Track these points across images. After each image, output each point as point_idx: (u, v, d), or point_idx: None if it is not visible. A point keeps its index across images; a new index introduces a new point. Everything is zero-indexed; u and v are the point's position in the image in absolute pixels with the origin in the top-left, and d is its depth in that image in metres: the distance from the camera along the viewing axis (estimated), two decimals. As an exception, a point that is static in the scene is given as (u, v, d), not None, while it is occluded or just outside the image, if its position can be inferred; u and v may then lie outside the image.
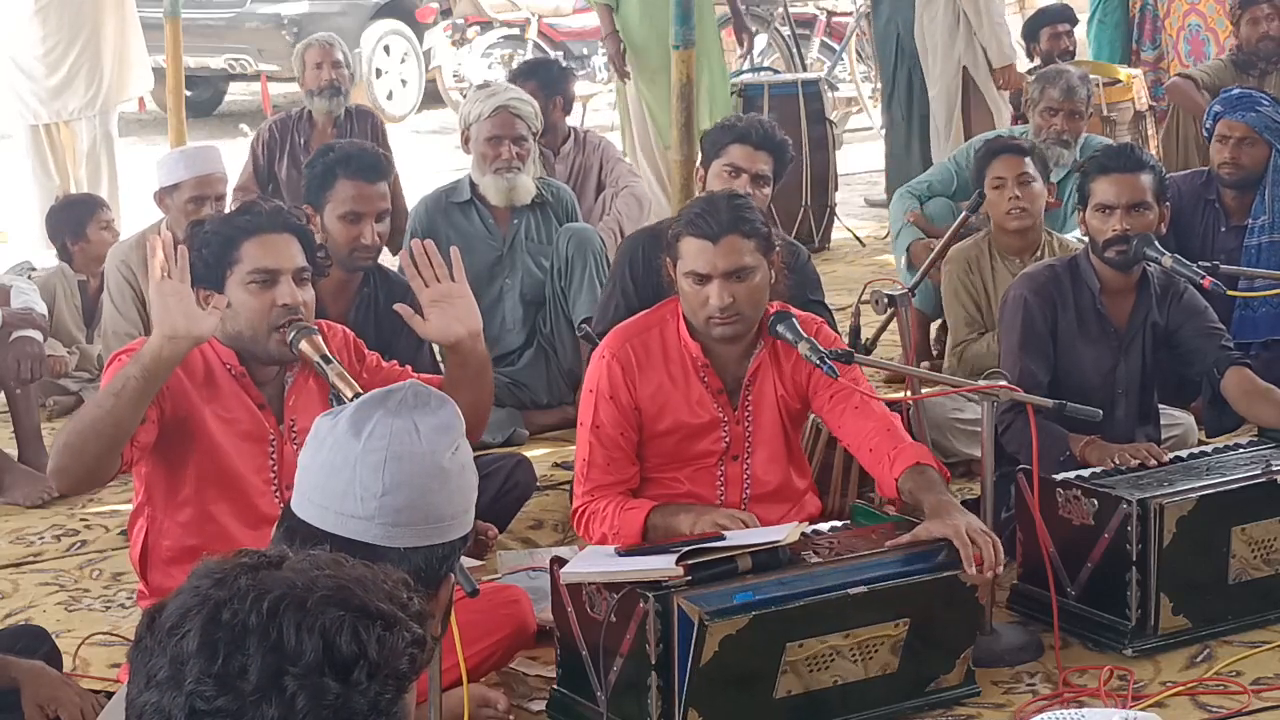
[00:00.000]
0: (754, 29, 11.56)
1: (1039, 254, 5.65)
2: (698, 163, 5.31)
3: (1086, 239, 4.90)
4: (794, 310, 4.23)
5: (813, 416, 4.51)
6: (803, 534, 3.92)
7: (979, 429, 4.28)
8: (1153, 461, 4.39)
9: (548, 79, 7.13)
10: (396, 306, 3.81)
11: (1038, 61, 8.63)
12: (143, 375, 3.52)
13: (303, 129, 7.82)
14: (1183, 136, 7.81)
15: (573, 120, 7.61)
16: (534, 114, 6.04)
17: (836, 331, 4.72)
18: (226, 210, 5.43)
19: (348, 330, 4.13)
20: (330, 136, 7.60)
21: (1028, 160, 5.65)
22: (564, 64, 8.05)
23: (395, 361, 4.12)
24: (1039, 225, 5.71)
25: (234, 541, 3.67)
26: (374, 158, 5.04)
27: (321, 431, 2.20)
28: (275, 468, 3.85)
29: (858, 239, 9.08)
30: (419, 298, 3.72)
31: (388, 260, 5.49)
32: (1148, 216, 4.74)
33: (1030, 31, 8.86)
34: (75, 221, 6.62)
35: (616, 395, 4.15)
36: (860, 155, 11.67)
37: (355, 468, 2.15)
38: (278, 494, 3.84)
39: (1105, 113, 7.97)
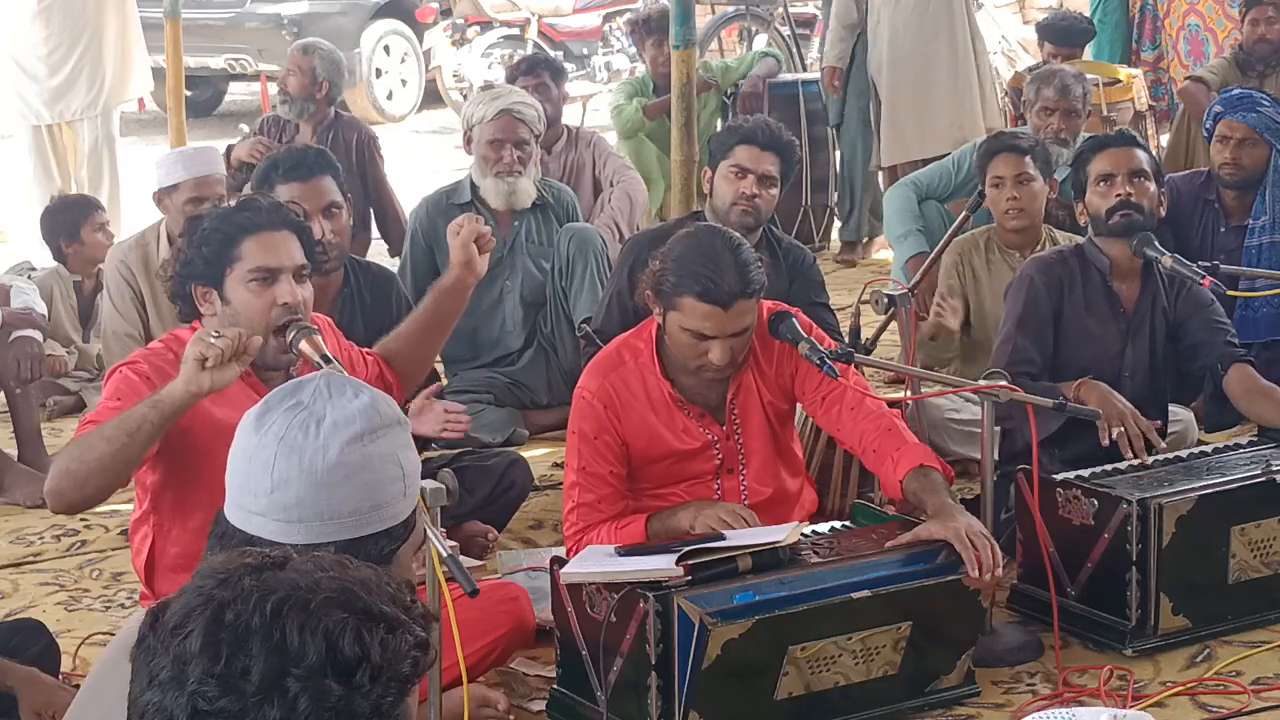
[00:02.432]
0: (754, 29, 11.57)
1: (1039, 249, 5.66)
2: (704, 165, 5.30)
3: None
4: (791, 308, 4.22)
5: (811, 419, 4.50)
6: (802, 534, 3.92)
7: (975, 429, 4.28)
8: (1157, 445, 4.39)
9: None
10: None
11: (1037, 62, 8.65)
12: (161, 421, 3.52)
13: (289, 131, 7.80)
14: (1191, 139, 7.81)
15: (572, 120, 7.64)
16: (537, 117, 6.04)
17: (840, 334, 4.71)
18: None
19: (330, 320, 4.13)
20: (313, 139, 7.59)
21: (1027, 159, 5.65)
22: (559, 63, 8.06)
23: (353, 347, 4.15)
24: (1039, 223, 5.72)
25: None
26: (304, 155, 4.97)
27: (242, 422, 2.19)
28: None
29: (858, 239, 9.07)
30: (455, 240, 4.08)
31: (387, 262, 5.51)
32: (1148, 187, 4.78)
33: (1042, 34, 8.84)
34: (70, 223, 6.62)
35: (601, 435, 4.08)
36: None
37: (250, 462, 2.13)
38: None
39: (1105, 113, 7.97)
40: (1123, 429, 4.43)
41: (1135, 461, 4.40)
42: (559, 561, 3.87)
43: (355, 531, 2.11)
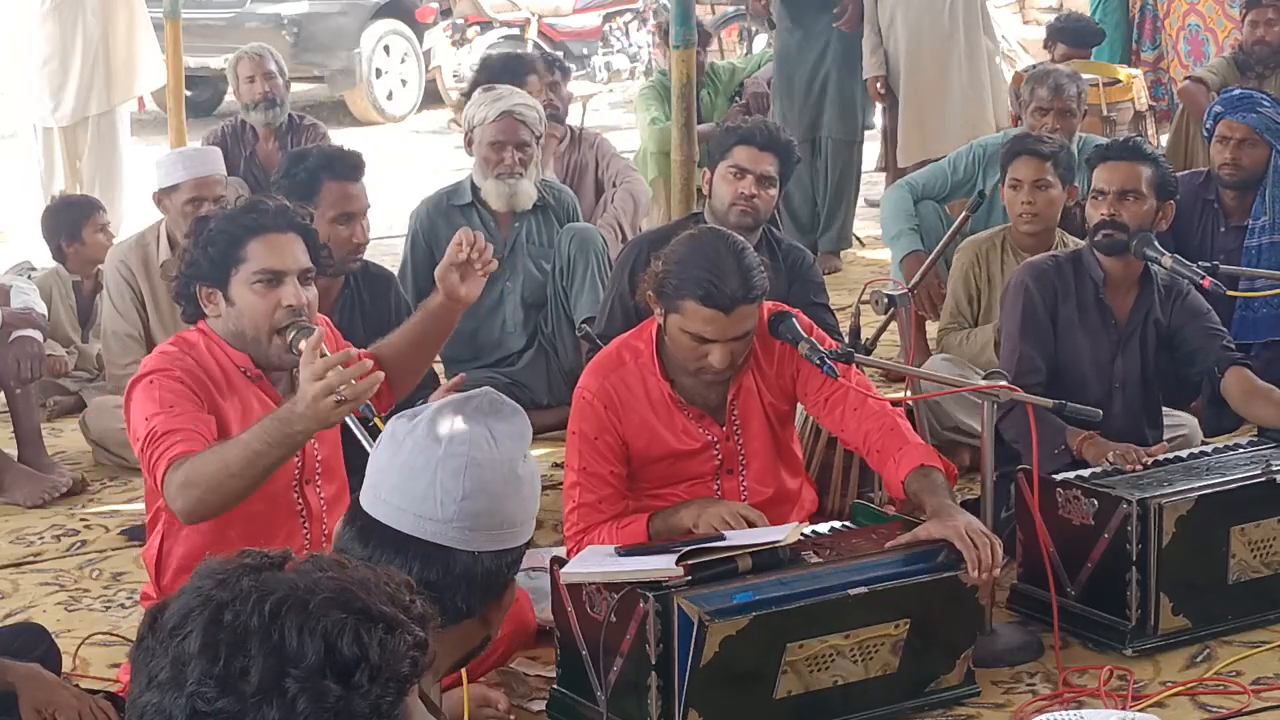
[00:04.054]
0: (754, 29, 11.58)
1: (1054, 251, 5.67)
2: (702, 165, 5.30)
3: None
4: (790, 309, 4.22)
5: (812, 418, 4.50)
6: (802, 534, 3.92)
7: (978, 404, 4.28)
8: (1142, 465, 4.37)
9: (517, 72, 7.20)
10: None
11: (1037, 62, 8.65)
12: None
13: (246, 140, 7.78)
14: (1190, 139, 7.81)
15: (571, 120, 7.64)
16: (538, 119, 6.03)
17: (840, 334, 4.70)
18: None
19: (329, 321, 4.13)
20: (274, 147, 7.59)
21: (1048, 165, 5.60)
22: (564, 62, 8.06)
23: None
24: (1053, 227, 5.70)
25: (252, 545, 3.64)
26: (354, 157, 5.06)
27: (399, 433, 2.23)
28: (300, 464, 3.84)
29: (857, 239, 9.08)
30: (451, 259, 4.00)
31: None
32: (1140, 206, 4.75)
33: (1056, 36, 8.84)
34: (71, 223, 6.62)
35: (602, 435, 4.08)
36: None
37: (436, 471, 2.18)
38: (297, 488, 3.85)
39: (1105, 113, 7.98)
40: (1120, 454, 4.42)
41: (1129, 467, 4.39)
42: (559, 561, 3.87)
43: (515, 540, 2.23)
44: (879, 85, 8.24)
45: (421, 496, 2.18)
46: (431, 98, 14.50)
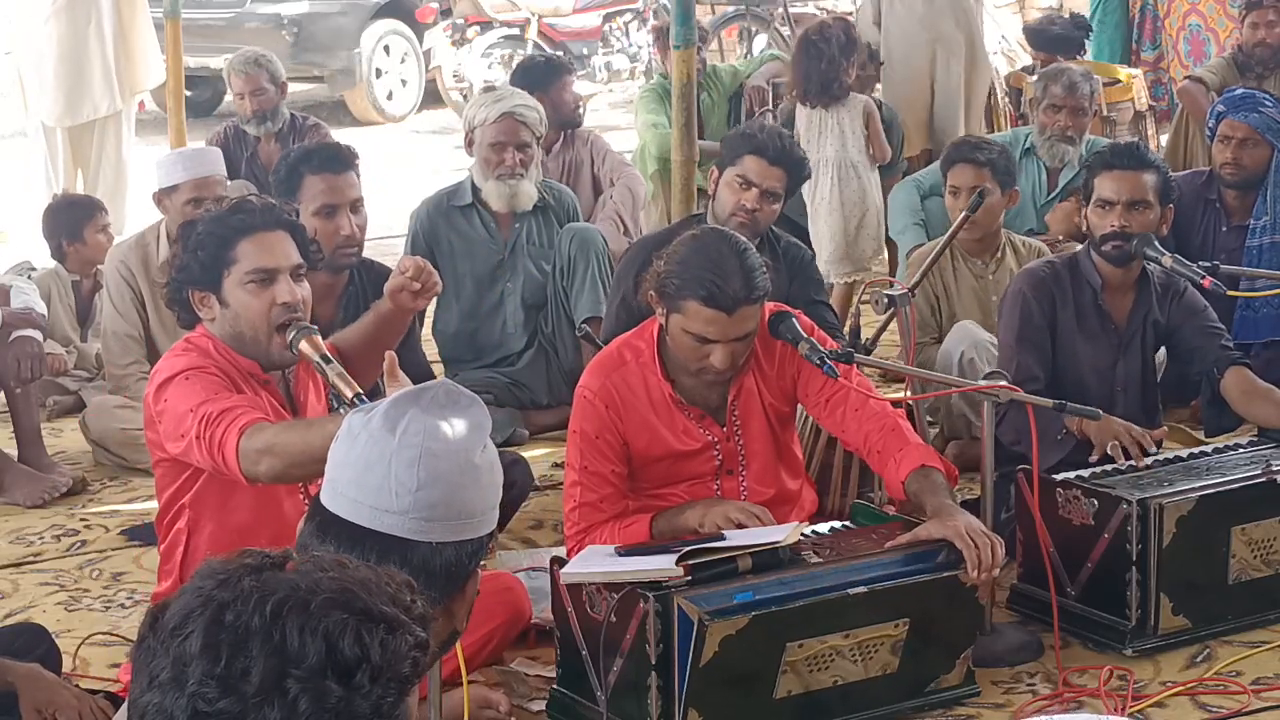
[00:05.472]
0: (754, 29, 11.57)
1: (999, 254, 5.73)
2: (712, 164, 5.27)
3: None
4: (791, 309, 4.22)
5: (812, 419, 4.50)
6: (802, 534, 3.92)
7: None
8: (1150, 449, 4.37)
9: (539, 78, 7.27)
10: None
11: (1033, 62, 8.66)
12: None
13: (248, 142, 7.79)
14: (1189, 139, 7.81)
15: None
16: (539, 120, 6.04)
17: (841, 333, 4.70)
18: None
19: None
20: (275, 148, 7.60)
21: (986, 171, 5.64)
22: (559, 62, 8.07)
23: None
24: (996, 230, 5.73)
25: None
26: (336, 149, 5.04)
27: (355, 428, 2.22)
28: None
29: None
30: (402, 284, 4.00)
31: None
32: (1147, 215, 4.76)
33: (1028, 38, 8.84)
34: (73, 223, 6.62)
35: (603, 434, 4.08)
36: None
37: (390, 463, 2.17)
38: (302, 487, 3.84)
39: (1105, 113, 7.98)
40: (1117, 442, 4.42)
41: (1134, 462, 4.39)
42: (559, 561, 3.87)
43: (475, 531, 2.22)
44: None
45: (377, 489, 2.17)
46: (431, 98, 14.49)
